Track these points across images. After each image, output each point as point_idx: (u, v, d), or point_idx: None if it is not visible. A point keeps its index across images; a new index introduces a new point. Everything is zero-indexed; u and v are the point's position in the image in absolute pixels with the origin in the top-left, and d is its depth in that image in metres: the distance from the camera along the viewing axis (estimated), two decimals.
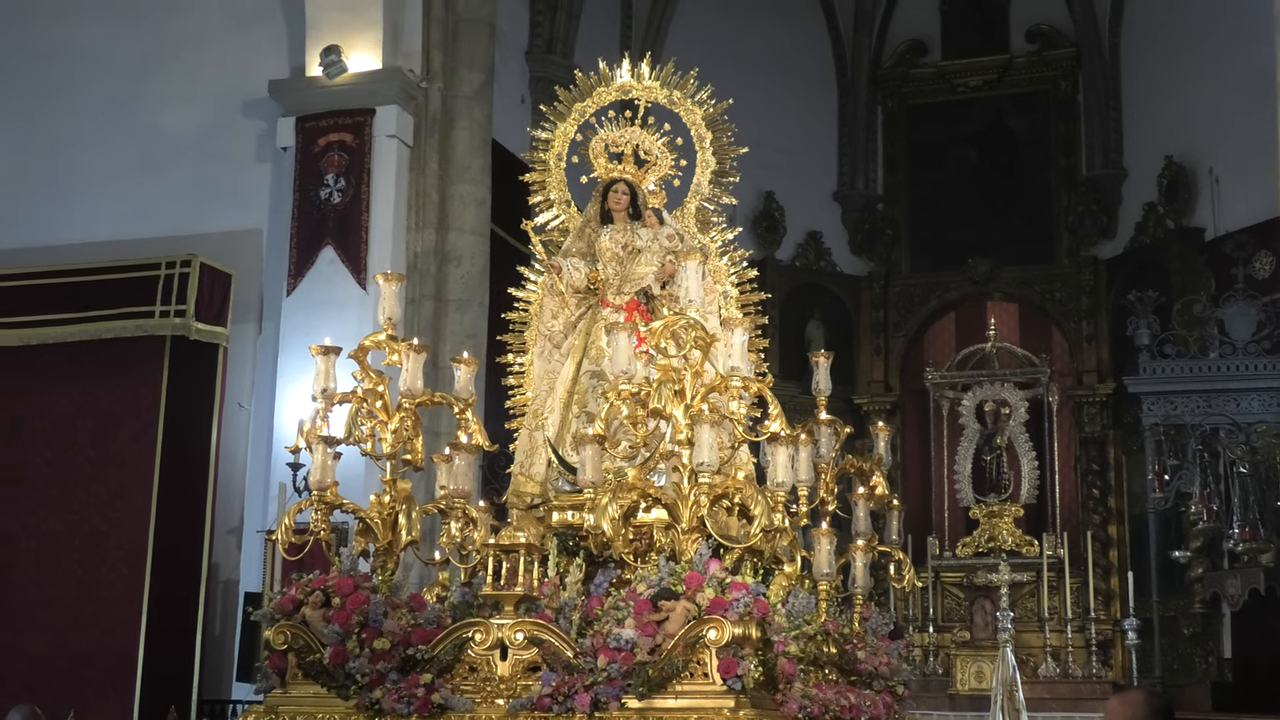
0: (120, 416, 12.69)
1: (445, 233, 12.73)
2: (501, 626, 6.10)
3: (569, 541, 6.85)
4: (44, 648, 12.17)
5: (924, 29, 18.68)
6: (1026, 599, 15.85)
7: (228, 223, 12.98)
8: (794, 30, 18.37)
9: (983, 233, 17.81)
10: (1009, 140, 18.24)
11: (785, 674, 6.21)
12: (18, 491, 12.79)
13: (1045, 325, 17.65)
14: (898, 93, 18.76)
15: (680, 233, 7.67)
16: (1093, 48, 17.75)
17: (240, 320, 12.80)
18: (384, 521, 6.78)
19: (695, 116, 7.82)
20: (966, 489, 16.77)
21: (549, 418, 7.51)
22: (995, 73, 18.31)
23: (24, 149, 13.80)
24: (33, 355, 12.96)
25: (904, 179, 18.67)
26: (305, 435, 6.86)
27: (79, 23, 13.83)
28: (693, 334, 6.53)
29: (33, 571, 12.57)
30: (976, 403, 16.95)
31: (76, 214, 13.33)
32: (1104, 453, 16.98)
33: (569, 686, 5.85)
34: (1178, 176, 16.58)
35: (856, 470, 7.91)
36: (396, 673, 6.18)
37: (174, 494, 12.40)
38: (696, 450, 6.19)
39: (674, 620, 5.87)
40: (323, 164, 12.56)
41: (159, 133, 13.34)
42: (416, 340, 7.10)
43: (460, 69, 13.01)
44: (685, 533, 6.22)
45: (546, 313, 7.80)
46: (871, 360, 18.00)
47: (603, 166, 7.80)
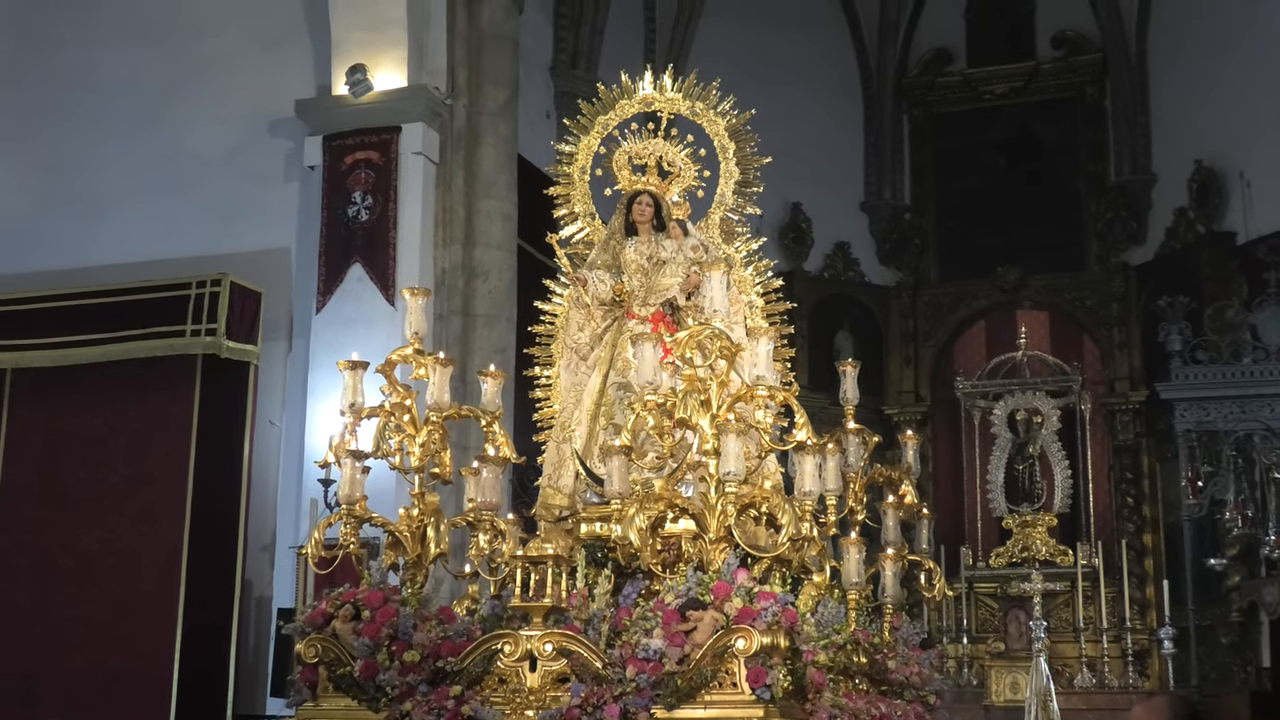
0: (153, 435, 12.77)
1: (472, 248, 12.77)
2: (530, 638, 6.10)
3: (597, 553, 6.86)
4: (80, 665, 12.24)
5: (949, 37, 18.69)
6: (1061, 609, 15.80)
7: (257, 242, 13.04)
8: (818, 41, 18.39)
9: (1011, 240, 17.78)
10: (1036, 147, 18.22)
11: (814, 683, 6.21)
12: (53, 510, 12.87)
13: (1076, 333, 17.60)
14: (924, 101, 18.78)
15: (705, 243, 7.69)
16: (1120, 53, 17.72)
17: (270, 338, 12.86)
18: (413, 535, 6.81)
19: (718, 127, 7.83)
20: (999, 499, 16.73)
21: (576, 430, 7.54)
22: (1021, 80, 18.30)
23: (53, 171, 13.91)
24: (66, 376, 13.05)
25: (931, 188, 18.67)
26: (334, 450, 6.90)
27: (106, 45, 13.94)
28: (718, 344, 6.54)
29: (68, 589, 12.64)
30: (1008, 412, 16.92)
31: (106, 235, 13.42)
32: (1138, 460, 16.91)
33: (598, 697, 5.86)
34: (1208, 180, 16.52)
35: (885, 479, 7.90)
36: (426, 685, 6.19)
37: (207, 511, 12.46)
38: (722, 460, 6.20)
39: (702, 630, 5.87)
40: (350, 182, 12.61)
41: (187, 153, 13.42)
42: (443, 354, 7.14)
43: (485, 85, 13.06)
44: (713, 543, 6.22)
45: (572, 325, 7.82)
46: (901, 370, 17.98)
47: (626, 179, 7.82)
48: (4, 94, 14.35)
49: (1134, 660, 15.27)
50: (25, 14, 14.43)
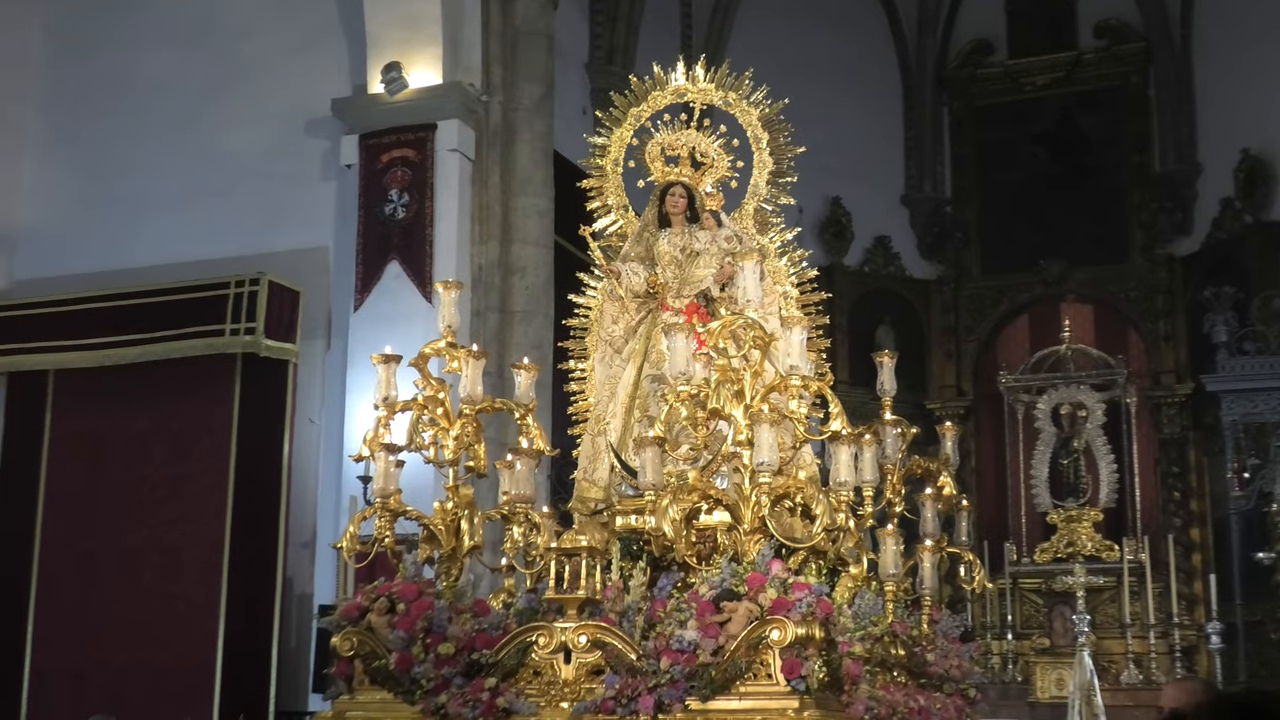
0: (194, 434, 12.87)
1: (509, 245, 12.79)
2: (565, 630, 6.12)
3: (632, 546, 6.86)
4: (124, 662, 12.37)
5: (989, 29, 18.59)
6: (1107, 605, 15.70)
7: (295, 241, 13.10)
8: (856, 35, 18.32)
9: (1054, 233, 17.66)
10: (1079, 138, 18.08)
11: (851, 675, 6.18)
12: (97, 509, 13.01)
13: (1121, 326, 17.46)
14: (964, 94, 18.67)
15: (739, 234, 7.66)
16: (1163, 41, 17.59)
17: (309, 336, 12.93)
18: (447, 528, 6.82)
19: (751, 117, 7.81)
20: (1043, 494, 16.64)
21: (611, 423, 7.54)
22: (1063, 70, 18.18)
23: (94, 173, 14.03)
24: (108, 376, 13.19)
25: (973, 181, 18.57)
26: (368, 443, 6.92)
27: (145, 49, 14.03)
28: (751, 334, 6.53)
29: (113, 587, 12.78)
30: (1052, 406, 16.83)
31: (146, 236, 13.52)
32: (1184, 454, 16.76)
33: (632, 689, 5.86)
34: (1255, 170, 16.35)
35: (923, 471, 7.87)
36: (461, 677, 6.22)
37: (248, 509, 12.55)
38: (756, 450, 6.18)
39: (736, 621, 5.87)
40: (386, 180, 12.66)
41: (225, 154, 13.49)
42: (476, 347, 7.15)
43: (520, 82, 13.08)
44: (747, 534, 6.21)
45: (607, 318, 7.82)
46: (943, 365, 17.90)
47: (659, 170, 7.81)
48: (45, 96, 14.50)
49: (1181, 656, 15.16)
50: (66, 17, 14.57)
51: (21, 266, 14.15)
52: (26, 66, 14.51)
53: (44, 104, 14.49)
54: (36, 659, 12.87)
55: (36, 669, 12.85)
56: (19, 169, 14.35)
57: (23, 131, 14.41)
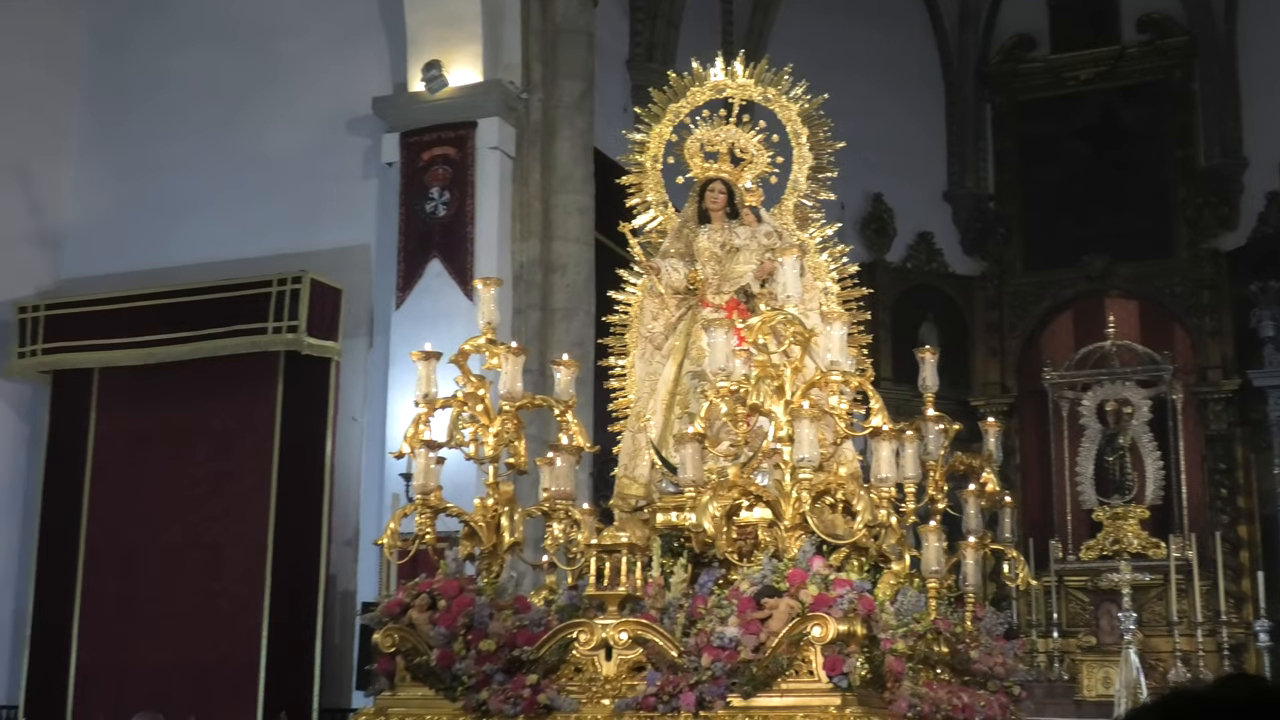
0: (237, 432, 12.95)
1: (549, 242, 12.79)
2: (606, 627, 6.12)
3: (673, 542, 6.84)
4: (168, 659, 12.44)
5: (1031, 23, 18.49)
6: (1154, 603, 15.58)
7: (336, 239, 13.14)
8: (897, 30, 18.26)
9: (1098, 229, 17.55)
10: (1122, 133, 17.96)
11: (893, 672, 6.17)
12: (142, 506, 13.10)
13: (1166, 321, 17.34)
14: (1006, 89, 18.58)
15: (778, 230, 7.64)
16: (1208, 35, 17.46)
17: (351, 335, 12.97)
18: (488, 525, 6.83)
19: (790, 112, 7.78)
20: (1089, 491, 16.53)
21: (651, 419, 7.52)
22: (1107, 64, 18.05)
23: (136, 173, 14.10)
24: (152, 374, 13.27)
25: (1015, 176, 18.47)
26: (408, 440, 6.93)
27: (185, 48, 14.10)
28: (791, 329, 6.51)
29: (157, 584, 12.86)
30: (1097, 402, 16.71)
31: (188, 235, 13.58)
32: (1231, 450, 16.63)
33: (673, 686, 5.87)
34: None
35: (966, 467, 7.84)
36: (502, 674, 6.23)
37: (290, 507, 12.62)
38: (796, 446, 6.16)
39: (777, 618, 5.85)
40: (427, 178, 12.68)
41: (266, 153, 13.54)
42: (515, 343, 7.15)
43: (560, 79, 13.08)
44: (788, 530, 6.19)
45: (646, 314, 7.80)
46: (987, 361, 17.81)
47: (699, 166, 7.79)
48: (89, 97, 14.59)
49: (1230, 654, 15.03)
50: (106, 17, 14.66)
51: (66, 266, 14.24)
52: (70, 67, 14.60)
53: (88, 104, 14.59)
54: (81, 656, 12.96)
55: (82, 666, 12.95)
56: (64, 169, 14.45)
57: (67, 132, 14.50)
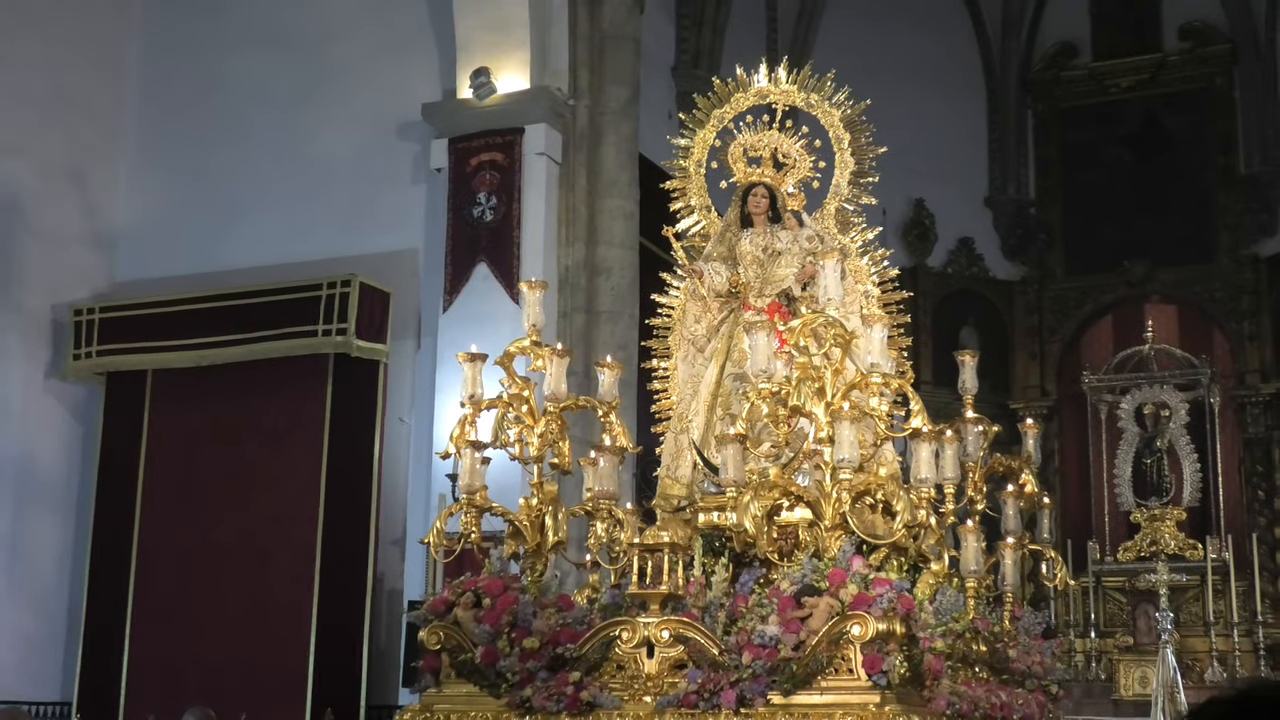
0: (287, 432, 13.00)
1: (595, 246, 12.79)
2: (648, 625, 6.11)
3: (715, 542, 6.83)
4: (219, 656, 12.51)
5: (1074, 31, 18.41)
6: (1191, 603, 15.50)
7: (385, 243, 13.20)
8: (941, 37, 18.20)
9: (1138, 234, 17.45)
10: (1164, 140, 17.85)
11: (932, 670, 6.15)
12: (194, 506, 13.17)
13: (1205, 326, 17.24)
14: (1048, 96, 18.51)
15: (820, 234, 7.62)
16: (1249, 42, 17.35)
17: (399, 337, 13.01)
18: (532, 524, 6.84)
19: (833, 118, 7.77)
20: (1127, 493, 16.45)
21: (693, 420, 7.51)
22: (1148, 72, 17.97)
23: (188, 177, 14.19)
24: (204, 375, 13.35)
25: (1056, 182, 18.39)
26: (454, 441, 6.94)
27: (240, 54, 14.18)
28: (832, 332, 6.50)
29: (208, 582, 12.92)
30: (1136, 405, 16.64)
31: (240, 238, 13.66)
32: (1269, 453, 16.53)
33: (714, 683, 5.86)
34: None
35: (1005, 469, 7.80)
36: (546, 671, 6.23)
37: (339, 506, 12.66)
38: (837, 447, 6.15)
39: (817, 616, 5.84)
40: (475, 183, 12.70)
41: (317, 157, 13.61)
42: (560, 345, 7.15)
43: (607, 85, 13.08)
44: (828, 530, 6.18)
45: (689, 317, 7.80)
46: (1027, 365, 17.74)
47: (741, 171, 7.78)
48: (143, 102, 14.68)
49: (1266, 655, 14.94)
50: (163, 24, 14.74)
51: (121, 269, 14.34)
52: (124, 73, 14.71)
53: (141, 109, 14.67)
54: (134, 652, 13.04)
55: (134, 663, 13.02)
56: (118, 173, 14.55)
57: (121, 136, 14.59)
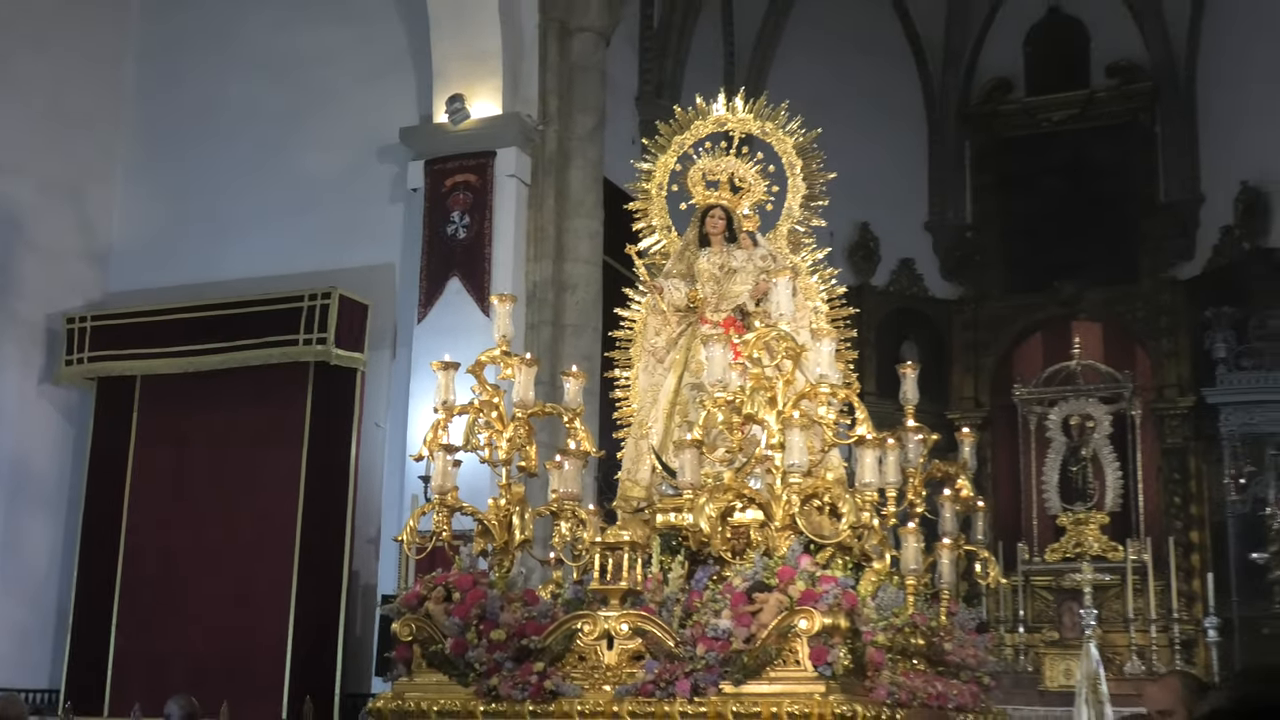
0: (269, 436, 12.92)
1: (561, 263, 12.78)
2: (608, 618, 6.10)
3: (672, 541, 6.82)
4: (201, 647, 12.42)
5: (1009, 68, 18.48)
6: (1112, 601, 15.56)
7: (364, 258, 13.15)
8: (886, 72, 18.24)
9: (1067, 257, 17.49)
10: (1091, 170, 17.89)
11: (873, 662, 6.14)
12: (180, 505, 13.08)
13: (1128, 343, 17.32)
14: (985, 128, 18.56)
15: (773, 253, 7.63)
16: (1169, 81, 17.46)
17: (376, 346, 12.96)
18: (500, 523, 6.81)
19: (786, 145, 7.77)
20: (1054, 498, 16.51)
21: (653, 427, 7.50)
22: (1078, 107, 18.04)
23: (178, 194, 14.13)
24: (190, 381, 13.26)
25: (992, 209, 18.43)
26: (427, 444, 6.91)
27: (231, 79, 14.15)
28: (783, 345, 6.49)
29: (192, 577, 12.82)
30: (1063, 417, 16.70)
31: (227, 253, 13.59)
32: (1185, 462, 16.60)
33: (670, 674, 5.84)
34: (1253, 200, 16.23)
35: (943, 474, 7.80)
36: (512, 662, 6.20)
37: (317, 506, 12.59)
38: (787, 453, 6.14)
39: (767, 611, 5.83)
40: (449, 203, 12.67)
41: (302, 177, 13.56)
42: (528, 355, 7.13)
43: (574, 113, 13.07)
44: (778, 530, 6.17)
45: (650, 330, 7.79)
46: (963, 378, 17.80)
47: (700, 194, 7.77)
48: (137, 123, 14.61)
49: (1181, 649, 15.00)
50: (155, 49, 14.68)
51: (113, 280, 14.24)
52: (120, 95, 14.62)
53: (135, 130, 14.59)
54: (120, 642, 12.94)
55: (120, 653, 12.91)
56: (112, 190, 14.46)
57: (115, 155, 14.51)
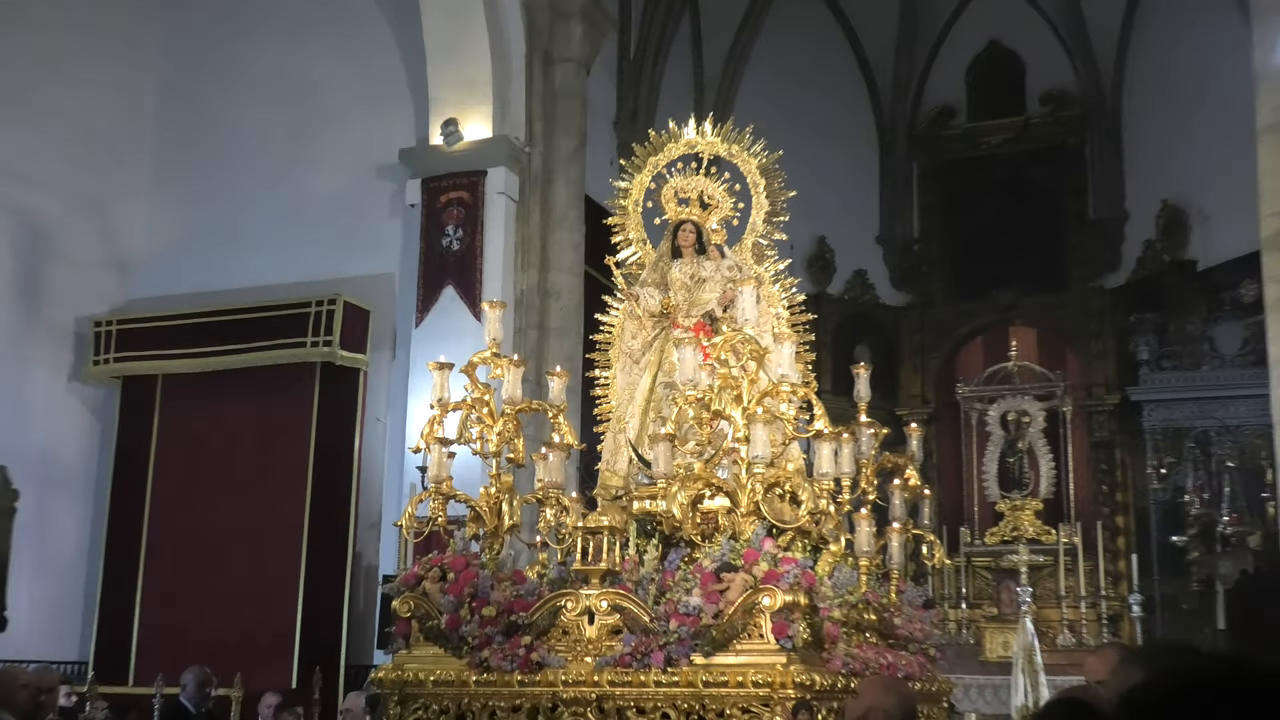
0: (279, 429, 12.89)
1: (546, 273, 12.77)
2: (589, 596, 6.10)
3: (647, 526, 6.80)
4: (218, 623, 12.37)
5: (953, 96, 18.53)
6: (1046, 579, 15.58)
7: (366, 267, 13.13)
8: (842, 100, 18.28)
9: (1005, 269, 17.50)
10: (1027, 189, 17.95)
11: (830, 635, 6.14)
12: (197, 493, 13.04)
13: (1060, 346, 17.36)
14: (931, 150, 18.59)
15: (739, 264, 7.62)
16: (1098, 109, 17.54)
17: (377, 348, 12.95)
18: (491, 510, 6.78)
19: (750, 166, 7.76)
20: (993, 487, 16.54)
21: (630, 422, 7.49)
22: (1014, 132, 18.08)
23: (199, 209, 14.08)
24: (207, 380, 13.23)
25: (937, 224, 18.46)
26: (424, 438, 6.89)
27: (244, 105, 14.10)
28: (748, 347, 6.50)
29: (209, 559, 12.79)
30: (1001, 413, 16.73)
31: (240, 262, 13.54)
32: (1112, 454, 16.65)
33: (646, 646, 5.84)
34: (1173, 216, 16.30)
35: (893, 465, 7.80)
36: (501, 636, 6.19)
37: (323, 493, 12.57)
38: (751, 445, 6.16)
39: (734, 589, 5.84)
40: (444, 217, 12.66)
41: (309, 194, 13.53)
42: (516, 356, 7.12)
43: (557, 136, 13.07)
44: (743, 516, 6.18)
45: (627, 334, 7.77)
46: (911, 378, 17.81)
47: (673, 210, 7.76)
48: (156, 143, 14.56)
49: (1108, 623, 15.05)
50: (174, 75, 14.65)
51: (134, 287, 14.20)
52: (142, 118, 14.57)
53: (157, 149, 14.54)
54: (143, 618, 12.92)
55: (144, 627, 12.89)
56: (134, 204, 14.41)
57: (138, 172, 14.46)
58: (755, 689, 5.65)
